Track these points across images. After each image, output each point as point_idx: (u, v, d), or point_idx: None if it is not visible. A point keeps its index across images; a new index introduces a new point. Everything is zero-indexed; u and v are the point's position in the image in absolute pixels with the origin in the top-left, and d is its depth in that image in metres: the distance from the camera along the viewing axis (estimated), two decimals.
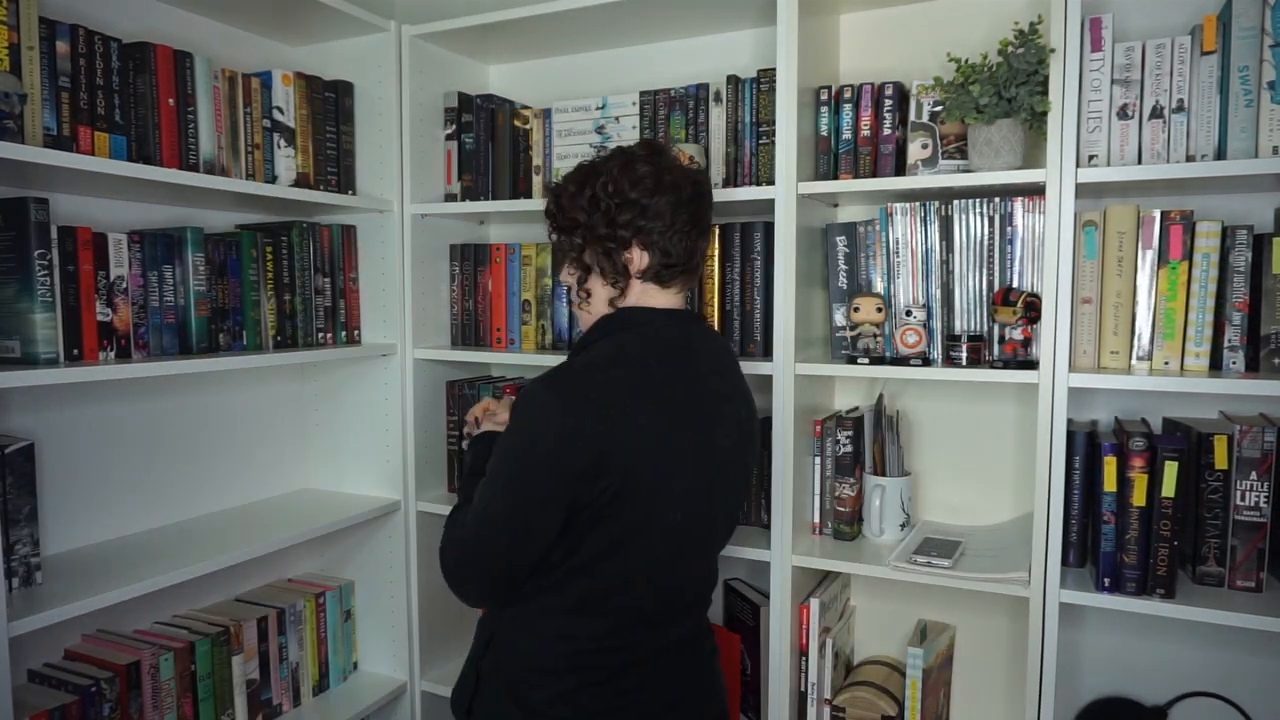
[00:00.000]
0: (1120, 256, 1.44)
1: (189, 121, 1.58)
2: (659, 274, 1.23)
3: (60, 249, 1.37)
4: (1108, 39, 1.42)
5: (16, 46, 1.32)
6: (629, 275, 1.24)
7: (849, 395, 1.87)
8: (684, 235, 1.23)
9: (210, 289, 1.62)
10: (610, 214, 1.22)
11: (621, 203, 1.21)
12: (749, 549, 1.67)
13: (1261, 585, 1.40)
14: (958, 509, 1.78)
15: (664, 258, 1.22)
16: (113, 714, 1.48)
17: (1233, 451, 1.39)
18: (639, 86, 1.97)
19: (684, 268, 1.25)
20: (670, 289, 1.26)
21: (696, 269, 1.29)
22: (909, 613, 1.83)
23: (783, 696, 1.66)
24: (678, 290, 1.27)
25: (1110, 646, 1.67)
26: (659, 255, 1.22)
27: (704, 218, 1.27)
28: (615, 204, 1.21)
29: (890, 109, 1.64)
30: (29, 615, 1.27)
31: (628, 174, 1.22)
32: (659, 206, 1.21)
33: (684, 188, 1.23)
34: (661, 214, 1.21)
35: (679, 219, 1.22)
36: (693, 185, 1.25)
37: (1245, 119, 1.35)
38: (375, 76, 1.94)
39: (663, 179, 1.22)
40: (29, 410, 1.54)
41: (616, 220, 1.21)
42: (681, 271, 1.25)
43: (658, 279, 1.24)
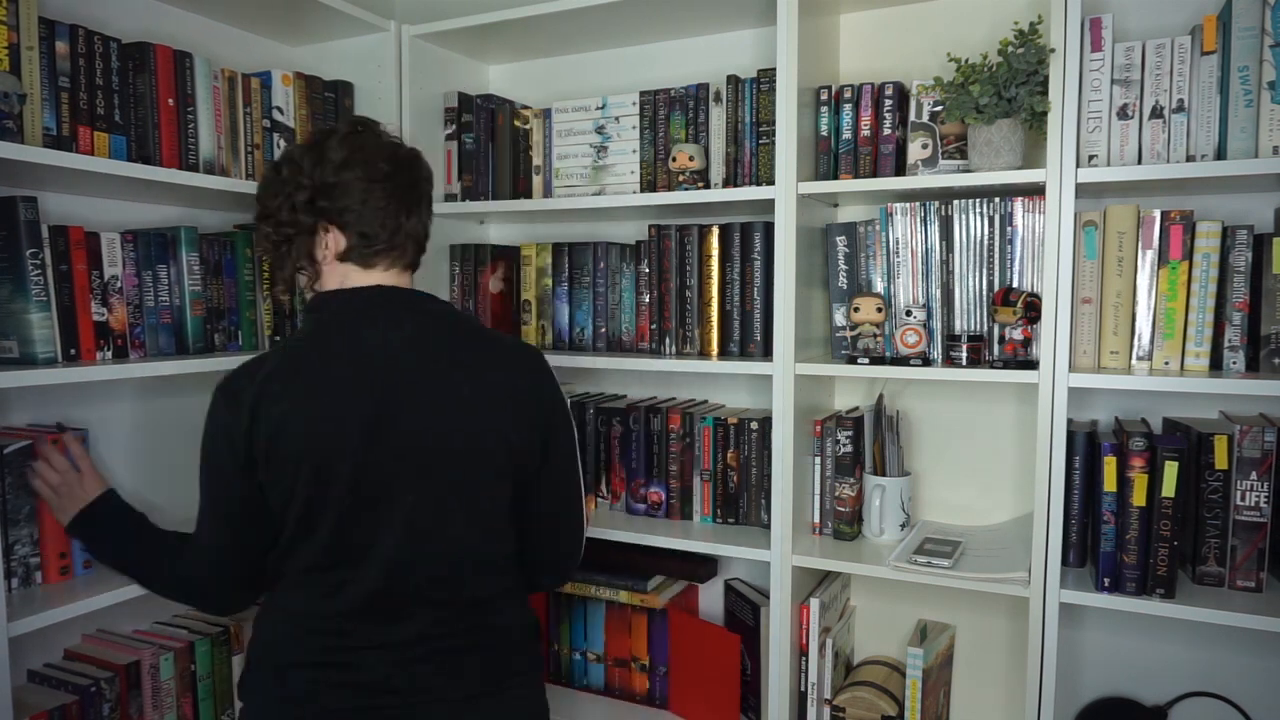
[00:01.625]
0: (1120, 256, 1.44)
1: (189, 121, 1.58)
2: (360, 255, 1.21)
3: (52, 248, 1.36)
4: (1108, 39, 1.42)
5: (16, 46, 1.32)
6: (315, 262, 1.23)
7: (849, 395, 1.87)
8: (380, 212, 1.19)
9: (205, 289, 1.62)
10: (292, 196, 1.20)
11: (301, 184, 1.19)
12: (749, 549, 1.67)
13: (1261, 585, 1.40)
14: (958, 509, 1.78)
15: (361, 239, 1.20)
16: (112, 714, 1.48)
17: (1233, 451, 1.39)
18: (639, 86, 1.97)
19: (386, 246, 1.21)
20: (374, 269, 1.22)
21: (404, 247, 1.24)
22: (909, 613, 1.83)
23: (783, 696, 1.66)
24: (385, 269, 1.23)
25: (1110, 646, 1.67)
26: (355, 236, 1.19)
27: (407, 194, 1.22)
28: (295, 187, 1.19)
29: (890, 109, 1.64)
30: (29, 615, 1.26)
31: (313, 154, 1.20)
32: (347, 183, 1.18)
33: (376, 162, 1.20)
34: (350, 191, 1.18)
35: (373, 196, 1.19)
36: (389, 160, 1.21)
37: (1245, 119, 1.35)
38: (375, 76, 1.94)
39: (352, 156, 1.19)
40: (29, 410, 1.54)
41: (297, 203, 1.19)
42: (384, 250, 1.21)
43: (360, 260, 1.21)
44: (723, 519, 1.81)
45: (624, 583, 1.90)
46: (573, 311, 1.94)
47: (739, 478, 1.79)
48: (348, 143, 1.21)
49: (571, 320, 1.95)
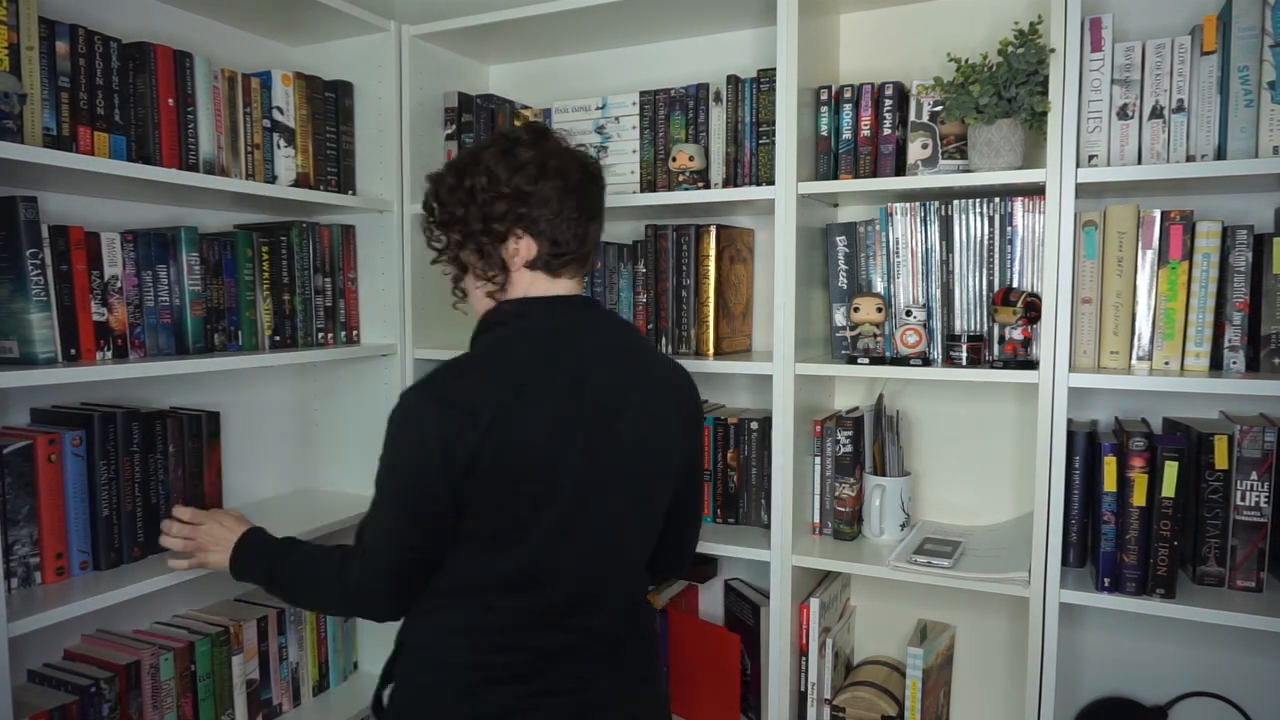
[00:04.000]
0: (1120, 256, 1.44)
1: (189, 121, 1.58)
2: (548, 263, 1.20)
3: (53, 248, 1.36)
4: (1108, 39, 1.42)
5: (16, 46, 1.32)
6: (508, 270, 1.21)
7: (849, 395, 1.87)
8: (573, 222, 1.19)
9: (205, 289, 1.62)
10: (486, 206, 1.18)
11: (500, 194, 1.18)
12: (749, 549, 1.67)
13: (1261, 585, 1.40)
14: (958, 509, 1.78)
15: (553, 246, 1.19)
16: (112, 714, 1.48)
17: (1233, 451, 1.39)
18: (639, 86, 1.97)
19: (574, 255, 1.21)
20: (561, 277, 1.22)
21: (589, 256, 1.25)
22: (909, 613, 1.83)
23: (783, 696, 1.66)
24: (570, 277, 1.23)
25: (1110, 646, 1.67)
26: (548, 244, 1.19)
27: (594, 203, 1.23)
28: (492, 195, 1.18)
29: (890, 109, 1.64)
30: (29, 615, 1.26)
31: (507, 161, 1.19)
32: (544, 193, 1.17)
33: (571, 172, 1.20)
34: (548, 201, 1.17)
35: (567, 205, 1.18)
36: (580, 169, 1.21)
37: (1245, 119, 1.35)
38: (375, 76, 1.94)
39: (547, 164, 1.18)
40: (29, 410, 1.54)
41: (492, 213, 1.18)
42: (573, 259, 1.22)
43: (547, 268, 1.21)
44: (723, 519, 1.81)
45: None
46: None
47: (739, 478, 1.79)
48: (539, 150, 1.20)
49: None
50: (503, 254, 1.21)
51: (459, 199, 1.21)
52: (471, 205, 1.19)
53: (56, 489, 1.40)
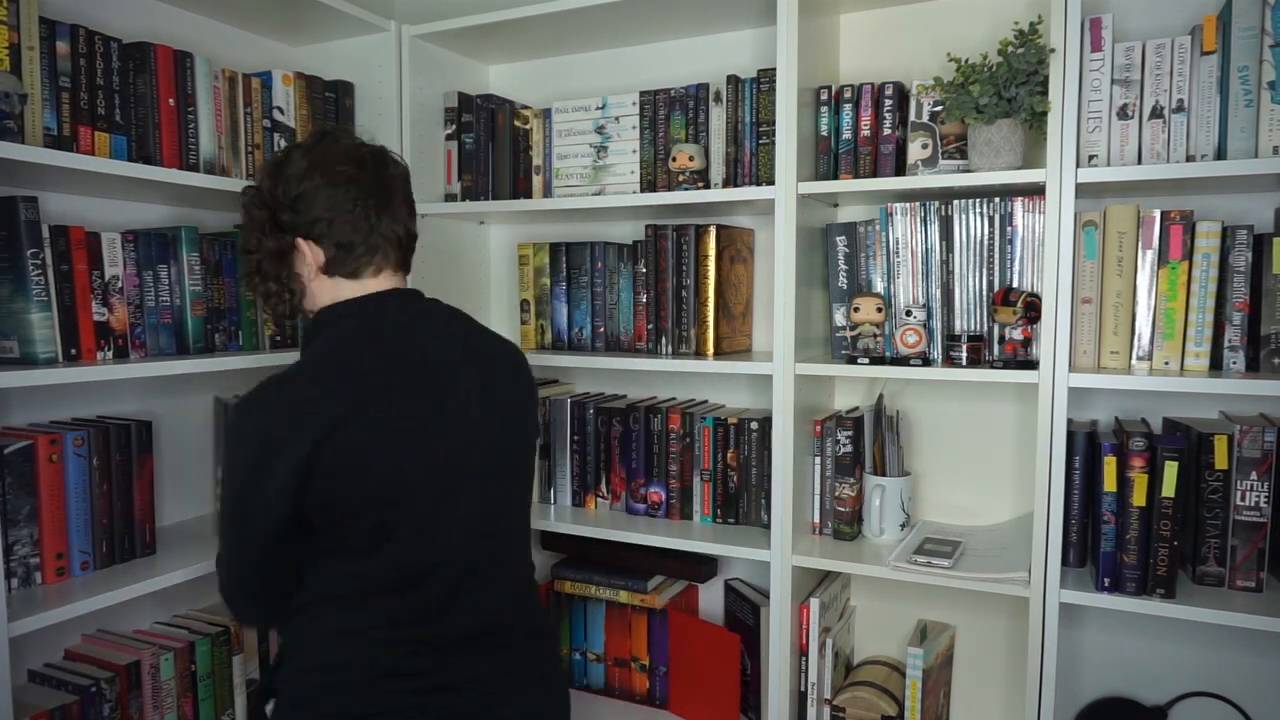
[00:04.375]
0: (1120, 256, 1.44)
1: (189, 121, 1.58)
2: (344, 263, 1.17)
3: (53, 248, 1.36)
4: (1108, 39, 1.42)
5: (16, 46, 1.32)
6: (301, 280, 1.20)
7: (849, 395, 1.88)
8: (350, 215, 1.15)
9: (206, 289, 1.62)
10: (262, 222, 1.17)
11: (268, 205, 1.17)
12: (749, 549, 1.67)
13: (1261, 585, 1.40)
14: (958, 509, 1.78)
15: (339, 248, 1.16)
16: (113, 714, 1.48)
17: (1233, 451, 1.39)
18: (639, 86, 1.97)
19: (365, 250, 1.17)
20: (363, 277, 1.19)
21: (383, 248, 1.19)
22: (909, 613, 1.83)
23: (783, 696, 1.66)
24: (374, 275, 1.20)
25: (1110, 646, 1.67)
26: (332, 246, 1.16)
27: (375, 192, 1.18)
28: (261, 208, 1.17)
29: (890, 109, 1.64)
30: (29, 615, 1.26)
31: (273, 170, 1.18)
32: (309, 193, 1.14)
33: (336, 167, 1.16)
34: (313, 201, 1.14)
35: (339, 201, 1.15)
36: (351, 162, 1.17)
37: (1245, 119, 1.35)
38: (375, 76, 1.94)
39: (312, 164, 1.15)
40: (29, 410, 1.54)
41: (264, 229, 1.17)
42: (365, 255, 1.17)
43: (345, 270, 1.17)
44: (723, 519, 1.81)
45: (624, 583, 1.91)
46: (571, 311, 1.94)
47: (739, 478, 1.79)
48: (308, 153, 1.17)
49: (570, 320, 1.95)
50: (292, 266, 1.20)
51: (247, 222, 1.21)
52: (252, 226, 1.19)
53: (57, 489, 1.40)
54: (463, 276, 2.11)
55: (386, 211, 1.19)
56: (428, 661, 1.13)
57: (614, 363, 1.78)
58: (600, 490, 1.93)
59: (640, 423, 1.87)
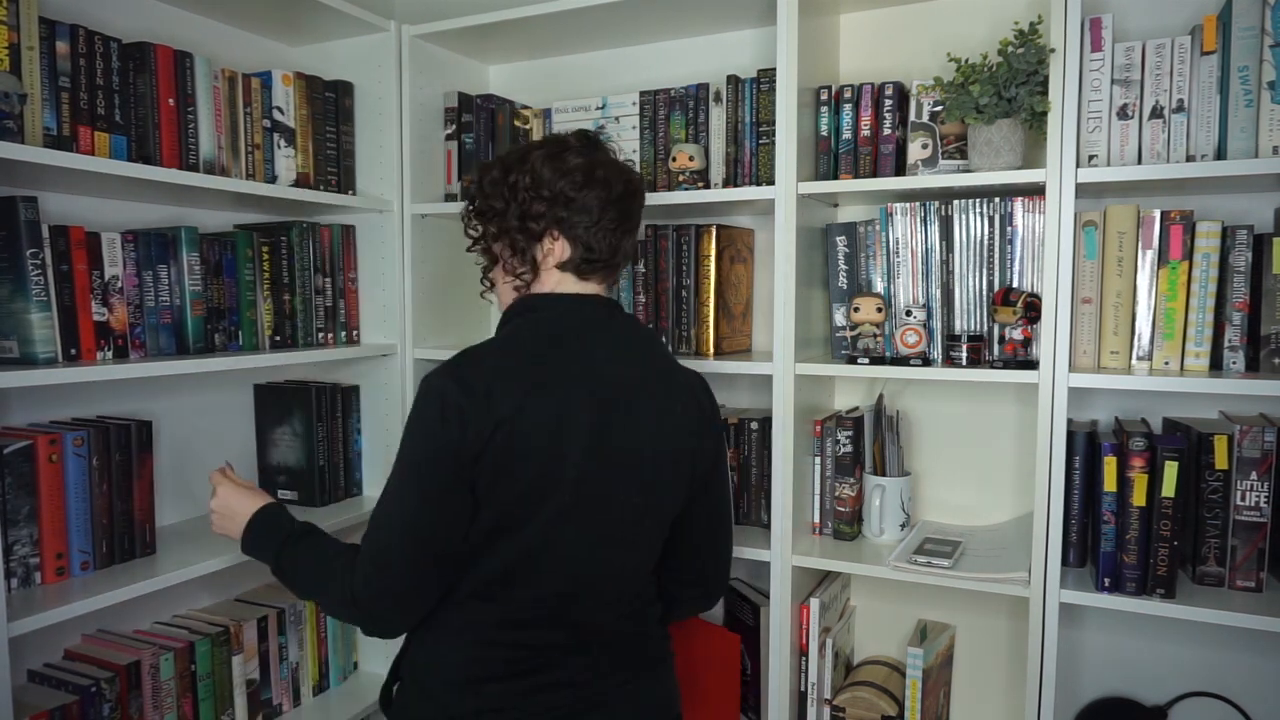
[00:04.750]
0: (1120, 256, 1.44)
1: (189, 121, 1.58)
2: (579, 267, 1.22)
3: (53, 248, 1.36)
4: (1108, 39, 1.42)
5: (16, 46, 1.32)
6: (538, 268, 1.23)
7: (849, 395, 1.87)
8: (609, 232, 1.21)
9: (206, 289, 1.62)
10: (526, 205, 1.20)
11: (542, 195, 1.19)
12: (749, 549, 1.67)
13: (1261, 585, 1.40)
14: (958, 509, 1.78)
15: (586, 252, 1.21)
16: (113, 714, 1.48)
17: (1233, 451, 1.39)
18: (639, 86, 1.97)
19: (605, 264, 1.23)
20: (589, 282, 1.24)
21: (618, 266, 1.27)
22: (909, 613, 1.83)
23: (783, 696, 1.66)
24: (597, 284, 1.25)
25: (1110, 646, 1.67)
26: (581, 249, 1.21)
27: (633, 216, 1.25)
28: (534, 195, 1.19)
29: (890, 109, 1.64)
30: (29, 615, 1.26)
31: (554, 164, 1.20)
32: (586, 200, 1.19)
33: (614, 184, 1.21)
34: (589, 209, 1.19)
35: (606, 215, 1.20)
36: (624, 182, 1.23)
37: (1245, 119, 1.35)
38: (375, 76, 1.94)
39: (594, 173, 1.20)
40: (29, 410, 1.54)
41: (530, 212, 1.20)
42: (603, 267, 1.23)
43: (577, 271, 1.22)
44: None
45: None
46: None
47: (739, 478, 1.79)
48: (588, 158, 1.22)
49: None
50: (536, 253, 1.23)
51: (501, 193, 1.22)
52: (513, 201, 1.21)
53: (57, 489, 1.40)
54: (463, 277, 2.11)
55: (632, 235, 1.27)
56: (539, 660, 1.16)
57: None
58: None
59: None
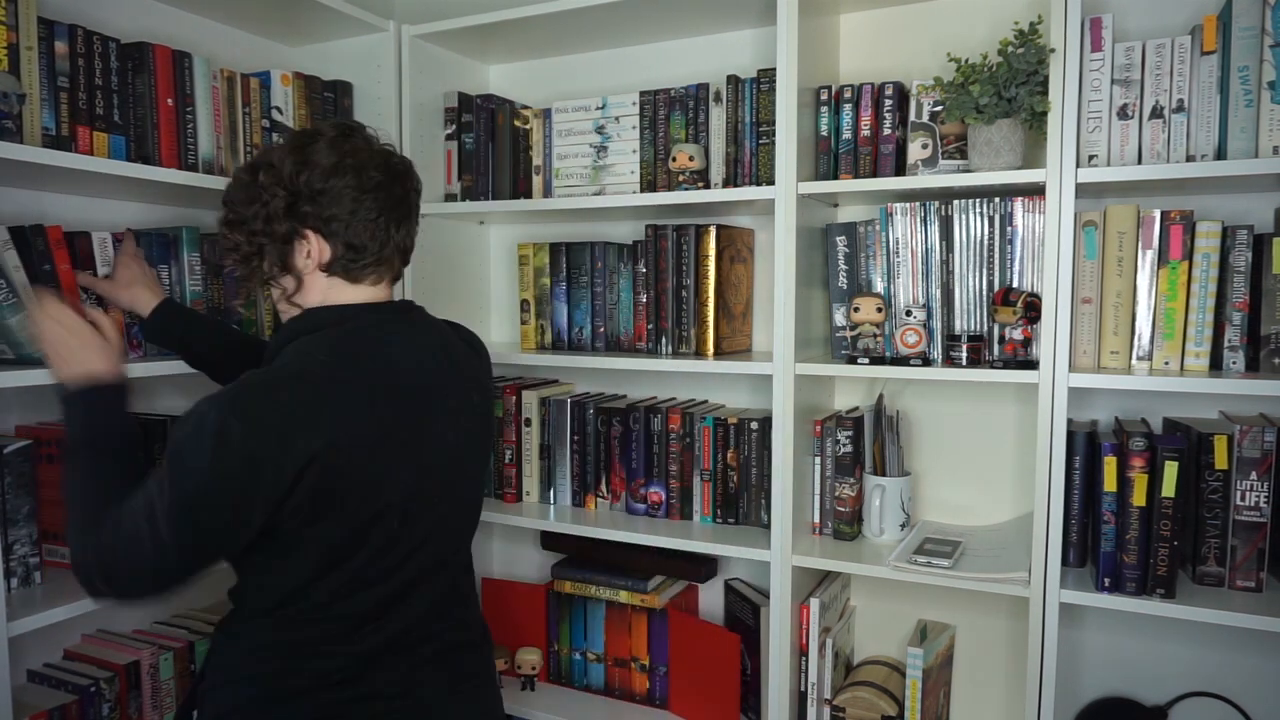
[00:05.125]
0: (1120, 256, 1.44)
1: (188, 121, 1.58)
2: (346, 267, 1.13)
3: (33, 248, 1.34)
4: (1108, 39, 1.42)
5: (15, 46, 1.32)
6: (298, 273, 1.14)
7: (849, 395, 1.87)
8: (370, 223, 1.13)
9: (206, 289, 1.62)
10: (268, 204, 1.12)
11: (286, 190, 1.10)
12: (749, 549, 1.67)
13: (1261, 585, 1.40)
14: (958, 509, 1.78)
15: (348, 250, 1.13)
16: (112, 714, 1.48)
17: (1233, 451, 1.39)
18: (639, 86, 1.97)
19: (374, 259, 1.15)
20: (362, 283, 1.16)
21: (392, 260, 1.18)
22: (909, 613, 1.83)
23: (783, 696, 1.66)
24: (373, 284, 1.17)
25: (1110, 646, 1.67)
26: (341, 247, 1.12)
27: (400, 204, 1.17)
28: (278, 192, 1.11)
29: (890, 109, 1.63)
30: (28, 615, 1.26)
31: (297, 155, 1.12)
32: (336, 191, 1.11)
33: (368, 170, 1.13)
34: (340, 199, 1.11)
35: (363, 206, 1.12)
36: (381, 168, 1.14)
37: (1245, 119, 1.35)
38: (375, 76, 1.94)
39: (343, 161, 1.12)
40: (29, 410, 1.54)
41: (274, 210, 1.11)
42: (373, 264, 1.15)
43: (345, 272, 1.14)
44: (723, 519, 1.81)
45: (624, 583, 1.91)
46: (571, 311, 1.94)
47: (739, 478, 1.79)
48: (337, 147, 1.13)
49: (570, 320, 1.94)
50: (292, 257, 1.14)
51: (246, 196, 1.14)
52: (256, 203, 1.13)
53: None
54: (463, 277, 2.11)
55: (404, 225, 1.19)
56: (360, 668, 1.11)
57: (614, 363, 1.78)
58: (600, 490, 1.93)
59: (640, 423, 1.87)
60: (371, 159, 1.14)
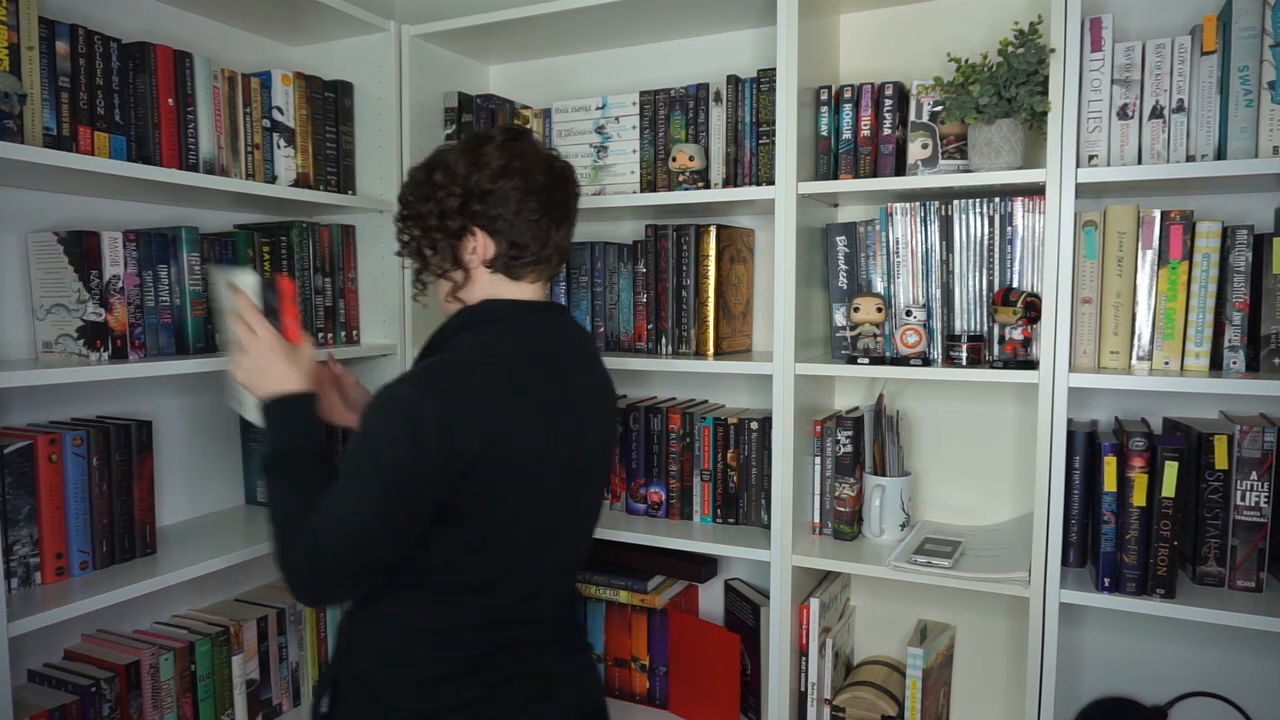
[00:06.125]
0: (1120, 256, 1.44)
1: (189, 121, 1.58)
2: (508, 264, 1.20)
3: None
4: (1108, 39, 1.42)
5: (16, 46, 1.32)
6: (466, 267, 1.21)
7: (849, 395, 1.87)
8: (532, 224, 1.19)
9: (206, 289, 1.62)
10: (444, 202, 1.18)
11: (458, 190, 1.18)
12: (749, 549, 1.67)
13: (1261, 585, 1.40)
14: (958, 509, 1.78)
15: (511, 247, 1.19)
16: (112, 714, 1.48)
17: (1233, 451, 1.39)
18: (639, 86, 1.97)
19: (534, 258, 1.21)
20: (522, 281, 1.23)
21: (550, 260, 1.24)
22: (909, 613, 1.83)
23: (783, 696, 1.66)
24: (531, 282, 1.24)
25: (1110, 646, 1.67)
26: (506, 244, 1.19)
27: (558, 207, 1.22)
28: (450, 191, 1.18)
29: (890, 109, 1.63)
30: (29, 615, 1.26)
31: (470, 157, 1.19)
32: (504, 192, 1.17)
33: (534, 173, 1.19)
34: (506, 200, 1.17)
35: (526, 206, 1.18)
36: (545, 172, 1.21)
37: (1245, 119, 1.35)
38: (375, 76, 1.94)
39: (511, 164, 1.18)
40: (29, 410, 1.54)
41: (448, 208, 1.18)
42: (532, 262, 1.21)
43: (507, 270, 1.21)
44: (723, 519, 1.81)
45: (624, 583, 1.90)
46: (571, 311, 1.94)
47: (739, 478, 1.79)
48: (505, 150, 1.19)
49: None
50: (460, 251, 1.20)
51: (422, 194, 1.21)
52: (431, 200, 1.20)
53: (56, 489, 1.40)
54: None
55: (563, 227, 1.24)
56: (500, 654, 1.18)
57: (614, 362, 1.78)
58: None
59: (640, 423, 1.87)
60: (538, 163, 1.21)
